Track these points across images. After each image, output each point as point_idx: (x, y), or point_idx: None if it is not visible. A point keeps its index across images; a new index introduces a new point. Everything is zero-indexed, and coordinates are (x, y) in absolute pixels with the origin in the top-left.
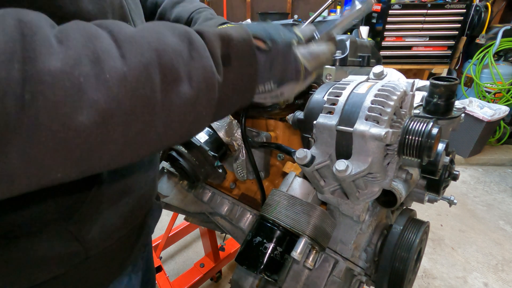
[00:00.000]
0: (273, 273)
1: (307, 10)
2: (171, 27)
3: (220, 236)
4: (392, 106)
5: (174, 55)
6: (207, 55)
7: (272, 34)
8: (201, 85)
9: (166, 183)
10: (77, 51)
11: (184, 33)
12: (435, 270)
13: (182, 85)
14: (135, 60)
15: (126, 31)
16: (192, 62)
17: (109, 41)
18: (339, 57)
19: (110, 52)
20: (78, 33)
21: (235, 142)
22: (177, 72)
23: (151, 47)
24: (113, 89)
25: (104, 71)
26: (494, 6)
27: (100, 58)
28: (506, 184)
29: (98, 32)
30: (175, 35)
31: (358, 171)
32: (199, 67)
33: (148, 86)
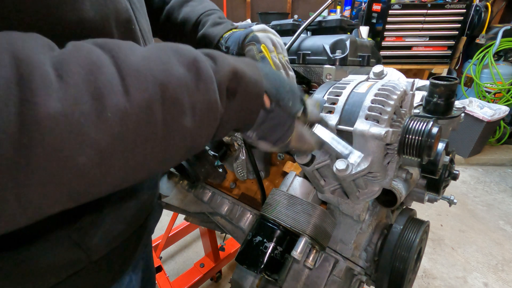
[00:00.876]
0: (273, 272)
1: (307, 10)
2: (180, 53)
3: (220, 236)
4: (392, 106)
5: (179, 88)
6: (214, 88)
7: (282, 96)
8: (203, 117)
9: (166, 183)
10: (77, 88)
11: (193, 62)
12: (435, 270)
13: (185, 118)
14: (138, 97)
15: (131, 59)
16: (198, 94)
17: (112, 71)
18: (339, 57)
19: (112, 86)
20: (79, 64)
21: (235, 142)
22: (181, 105)
23: (156, 80)
24: (114, 128)
25: (106, 109)
26: (494, 6)
27: (102, 94)
28: (506, 184)
29: (100, 61)
30: (183, 65)
31: (358, 170)
32: (204, 100)
33: (150, 122)
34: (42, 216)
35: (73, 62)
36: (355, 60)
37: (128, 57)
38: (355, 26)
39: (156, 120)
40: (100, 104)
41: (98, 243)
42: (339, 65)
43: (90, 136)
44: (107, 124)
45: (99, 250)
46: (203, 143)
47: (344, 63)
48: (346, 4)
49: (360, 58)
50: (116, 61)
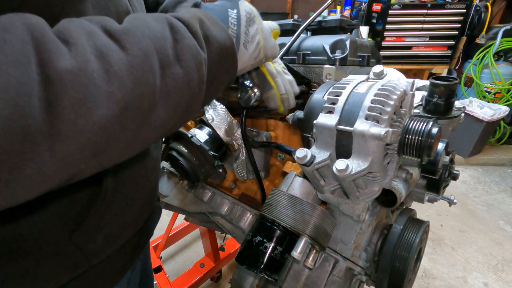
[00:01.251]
0: (273, 272)
1: (307, 10)
2: (152, 16)
3: (220, 236)
4: (392, 106)
5: (163, 40)
6: (189, 35)
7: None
8: (190, 63)
9: (166, 183)
10: (83, 50)
11: (165, 19)
12: (435, 270)
13: (174, 67)
14: (135, 49)
15: (117, 25)
16: (178, 44)
17: (104, 36)
18: (339, 57)
19: (110, 46)
20: (77, 31)
21: (235, 142)
22: (168, 56)
23: (145, 35)
24: (123, 79)
25: (112, 64)
26: (494, 6)
27: (104, 53)
28: (506, 184)
29: (93, 29)
30: (158, 22)
31: (358, 170)
32: (185, 47)
33: (151, 72)
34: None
35: (72, 30)
36: (355, 60)
37: (114, 24)
38: (355, 26)
39: (154, 70)
40: (105, 61)
41: (99, 247)
42: (339, 65)
43: (105, 89)
44: (117, 77)
45: (99, 254)
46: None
47: (344, 63)
48: (346, 4)
49: (360, 58)
50: (105, 28)
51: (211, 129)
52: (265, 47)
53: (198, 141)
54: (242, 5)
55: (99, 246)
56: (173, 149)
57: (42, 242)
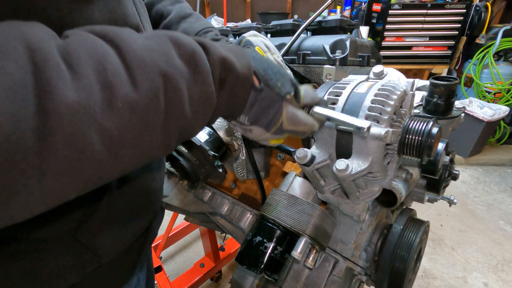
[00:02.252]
0: (273, 272)
1: (307, 10)
2: (178, 45)
3: (220, 236)
4: (392, 106)
5: (180, 79)
6: (210, 81)
7: (270, 76)
8: (200, 107)
9: (166, 183)
10: (89, 79)
11: (191, 55)
12: (435, 270)
13: (184, 108)
14: (145, 87)
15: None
16: (195, 86)
17: (117, 61)
18: (339, 57)
19: (120, 76)
20: (86, 53)
21: (235, 142)
22: (181, 96)
23: (160, 71)
24: (124, 117)
25: (117, 99)
26: (494, 6)
27: (112, 84)
28: (506, 184)
29: (105, 50)
30: (182, 57)
31: (358, 170)
32: (201, 91)
33: (155, 112)
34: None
35: (81, 52)
36: (355, 60)
37: (131, 46)
38: (355, 26)
39: (160, 109)
40: (111, 94)
41: (106, 245)
42: (339, 65)
43: (104, 125)
44: (118, 114)
45: (108, 253)
46: (198, 131)
47: (344, 63)
48: (346, 4)
49: (360, 58)
50: (119, 52)
51: (211, 129)
52: None
53: (198, 141)
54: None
55: (106, 245)
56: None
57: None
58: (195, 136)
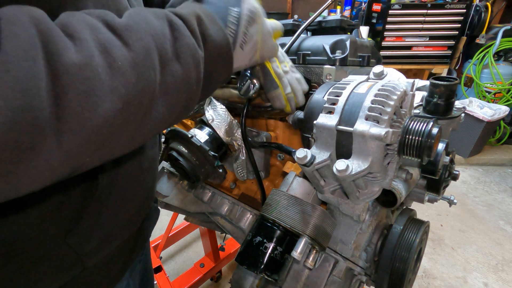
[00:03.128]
0: (273, 273)
1: (307, 10)
2: (152, 12)
3: (220, 236)
4: (392, 106)
5: (163, 38)
6: (188, 34)
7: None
8: (188, 61)
9: (166, 183)
10: (88, 44)
11: (165, 16)
12: (435, 270)
13: (174, 65)
14: (137, 46)
15: (119, 20)
16: (177, 42)
17: (106, 30)
18: (339, 57)
19: (112, 41)
20: (80, 24)
21: (235, 142)
22: (167, 53)
23: (146, 32)
24: (127, 74)
25: (116, 59)
26: (494, 6)
27: (108, 48)
28: (506, 184)
29: (95, 23)
30: (158, 19)
31: (358, 171)
32: (183, 45)
33: (152, 68)
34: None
35: (75, 23)
36: (355, 60)
37: (115, 18)
38: (355, 26)
39: (155, 67)
40: (109, 56)
41: (93, 249)
42: (339, 66)
43: (109, 84)
44: (120, 72)
45: (94, 256)
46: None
47: (344, 64)
48: (346, 4)
49: (360, 58)
50: (106, 23)
51: (211, 129)
52: (262, 48)
53: (198, 141)
54: (246, 2)
55: (94, 247)
56: (173, 149)
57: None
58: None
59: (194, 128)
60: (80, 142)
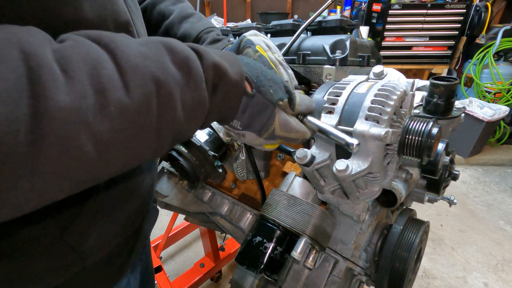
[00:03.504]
0: (273, 273)
1: (307, 10)
2: (172, 51)
3: (220, 236)
4: (392, 106)
5: (173, 85)
6: (203, 87)
7: (263, 83)
8: (192, 113)
9: (166, 183)
10: (82, 84)
11: (185, 61)
12: (435, 270)
13: (176, 113)
14: (138, 92)
15: (128, 55)
16: (188, 91)
17: (111, 66)
18: (339, 57)
19: (113, 81)
20: (80, 59)
21: (235, 142)
22: (174, 101)
23: (153, 77)
24: (115, 121)
25: (109, 103)
26: (494, 6)
27: (105, 88)
28: (506, 184)
29: (100, 56)
30: (175, 63)
31: (358, 171)
32: (194, 97)
33: (147, 115)
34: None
35: (75, 58)
36: (355, 60)
37: (125, 52)
38: (355, 26)
39: (152, 113)
40: (103, 98)
41: (92, 247)
42: (339, 65)
43: (96, 128)
44: (110, 118)
45: (93, 254)
46: (190, 135)
47: (344, 63)
48: (346, 4)
49: (360, 58)
50: (114, 57)
51: (211, 129)
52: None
53: (198, 141)
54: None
55: (92, 246)
56: (173, 149)
57: (33, 240)
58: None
59: None
60: (54, 184)
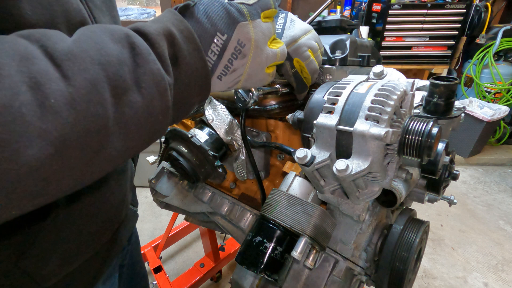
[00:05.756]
0: (273, 272)
1: (307, 10)
2: (110, 32)
3: (220, 236)
4: (392, 106)
5: (119, 65)
6: (153, 59)
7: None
8: (152, 90)
9: (166, 183)
10: (12, 79)
11: (125, 38)
12: (435, 270)
13: (132, 95)
14: (79, 79)
15: (62, 45)
16: (138, 69)
17: (44, 60)
18: (339, 57)
19: (48, 74)
20: (7, 56)
21: (235, 142)
22: (125, 82)
23: (94, 60)
24: (61, 114)
25: (48, 97)
26: (494, 6)
27: (40, 83)
28: (506, 184)
29: (29, 51)
30: (116, 42)
31: (358, 170)
32: (147, 72)
33: (99, 103)
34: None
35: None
36: (355, 60)
37: (58, 44)
38: (355, 26)
39: (104, 101)
40: (39, 93)
41: (52, 270)
42: (339, 65)
43: (37, 126)
44: (53, 112)
45: (53, 277)
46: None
47: (344, 63)
48: (346, 4)
49: (360, 58)
50: (45, 50)
51: (211, 129)
52: (247, 80)
53: (198, 141)
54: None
55: (52, 269)
56: (173, 149)
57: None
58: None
59: (194, 128)
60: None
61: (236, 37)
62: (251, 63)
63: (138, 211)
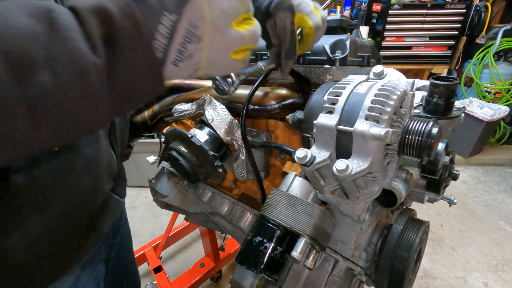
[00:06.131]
0: (273, 272)
1: None
2: (28, 6)
3: (220, 236)
4: (392, 106)
5: (25, 40)
6: (73, 36)
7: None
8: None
9: (166, 183)
10: None
11: (44, 12)
12: (435, 270)
13: (42, 74)
14: None
15: None
16: (53, 46)
17: None
18: (339, 57)
19: None
20: None
21: (235, 142)
22: (31, 60)
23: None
24: None
25: None
26: (494, 6)
27: None
28: (506, 184)
29: None
30: (30, 16)
31: (358, 170)
32: (63, 51)
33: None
34: None
35: None
36: (355, 60)
37: None
38: (355, 26)
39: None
40: None
41: (14, 247)
42: (339, 65)
43: None
44: None
45: (17, 253)
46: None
47: (344, 63)
48: (346, 4)
49: (360, 58)
50: None
51: (211, 129)
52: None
53: (198, 141)
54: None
55: (15, 246)
56: (173, 149)
57: None
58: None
59: (194, 128)
60: None
61: (186, 16)
62: (209, 47)
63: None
